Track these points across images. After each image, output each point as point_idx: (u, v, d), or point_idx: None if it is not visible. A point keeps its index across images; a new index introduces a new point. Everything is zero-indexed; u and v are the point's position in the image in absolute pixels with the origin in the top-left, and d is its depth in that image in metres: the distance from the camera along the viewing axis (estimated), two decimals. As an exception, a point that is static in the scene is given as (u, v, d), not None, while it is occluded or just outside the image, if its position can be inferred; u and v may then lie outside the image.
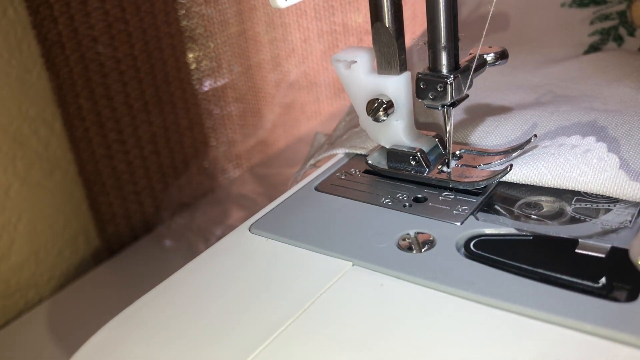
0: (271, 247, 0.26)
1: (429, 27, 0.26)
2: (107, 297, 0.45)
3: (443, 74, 0.26)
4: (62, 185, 0.48)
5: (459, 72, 0.26)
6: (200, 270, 0.26)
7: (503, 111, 0.32)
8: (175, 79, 0.53)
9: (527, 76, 0.36)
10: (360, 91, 0.28)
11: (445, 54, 0.26)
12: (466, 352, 0.20)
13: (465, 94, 0.27)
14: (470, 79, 0.27)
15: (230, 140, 0.59)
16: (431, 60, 0.27)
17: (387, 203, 0.28)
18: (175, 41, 0.52)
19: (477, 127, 0.31)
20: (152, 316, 0.24)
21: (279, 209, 0.29)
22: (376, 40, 0.27)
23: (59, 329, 0.42)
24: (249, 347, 0.21)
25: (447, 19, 0.25)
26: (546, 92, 0.33)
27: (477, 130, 0.31)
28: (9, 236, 0.45)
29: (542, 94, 0.33)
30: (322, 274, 0.24)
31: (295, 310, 0.22)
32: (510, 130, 0.30)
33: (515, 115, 0.31)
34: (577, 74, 0.35)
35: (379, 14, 0.26)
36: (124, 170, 0.50)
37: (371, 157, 0.30)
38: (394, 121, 0.28)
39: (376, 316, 0.22)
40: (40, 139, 0.46)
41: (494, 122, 0.31)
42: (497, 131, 0.30)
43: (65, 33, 0.45)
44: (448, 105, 0.27)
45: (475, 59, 0.27)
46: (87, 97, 0.47)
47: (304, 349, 0.21)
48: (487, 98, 0.34)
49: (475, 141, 0.30)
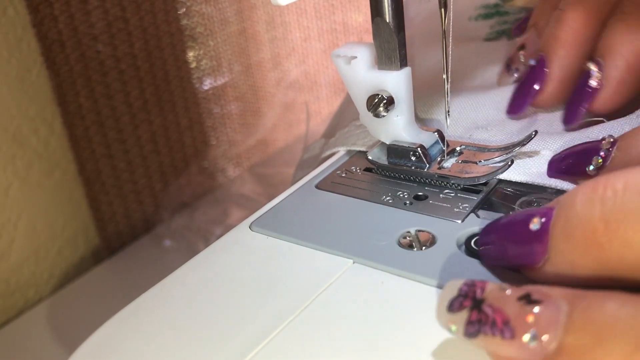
0: (271, 245, 0.26)
1: None
2: (107, 296, 0.45)
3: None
4: (61, 185, 0.48)
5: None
6: (200, 267, 0.26)
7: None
8: (175, 78, 0.53)
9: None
10: (360, 87, 0.28)
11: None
12: (466, 349, 0.20)
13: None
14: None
15: (230, 139, 0.59)
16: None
17: (387, 201, 0.28)
18: (175, 40, 0.52)
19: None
20: (152, 314, 0.24)
21: (279, 207, 0.29)
22: (376, 36, 0.27)
23: (59, 328, 0.42)
24: (249, 344, 0.21)
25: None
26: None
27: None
28: (8, 235, 0.45)
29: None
30: (322, 272, 0.24)
31: (296, 307, 0.22)
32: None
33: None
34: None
35: (380, 9, 0.26)
36: (123, 169, 0.50)
37: (371, 153, 0.30)
38: (394, 117, 0.28)
39: (377, 314, 0.22)
40: (40, 138, 0.46)
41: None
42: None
43: (65, 32, 0.44)
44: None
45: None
46: (87, 96, 0.47)
47: (304, 347, 0.21)
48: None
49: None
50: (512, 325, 0.17)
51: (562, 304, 0.17)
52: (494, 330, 0.17)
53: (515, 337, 0.17)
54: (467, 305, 0.18)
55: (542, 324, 0.16)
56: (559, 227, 0.19)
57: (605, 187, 0.18)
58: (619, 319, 0.16)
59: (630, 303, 0.16)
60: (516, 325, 0.17)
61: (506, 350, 0.17)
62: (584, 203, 0.18)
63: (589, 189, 0.18)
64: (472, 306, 0.18)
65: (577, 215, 0.18)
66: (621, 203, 0.17)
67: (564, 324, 0.16)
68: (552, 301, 0.17)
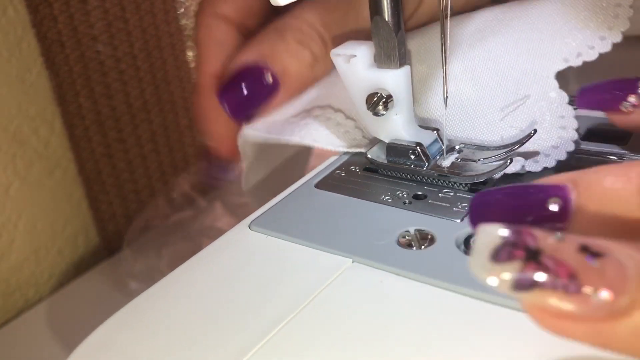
0: (271, 244, 0.26)
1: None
2: (107, 296, 0.45)
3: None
4: (62, 184, 0.48)
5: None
6: (200, 267, 0.26)
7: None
8: (175, 78, 0.53)
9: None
10: (359, 85, 0.28)
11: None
12: (466, 348, 0.20)
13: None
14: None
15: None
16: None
17: (386, 200, 0.28)
18: (174, 40, 0.52)
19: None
20: (151, 313, 0.24)
21: (278, 206, 0.29)
22: (375, 34, 0.27)
23: (59, 328, 0.42)
24: (248, 343, 0.21)
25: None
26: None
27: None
28: (8, 235, 0.45)
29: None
30: (321, 271, 0.24)
31: (295, 307, 0.22)
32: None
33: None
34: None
35: (379, 8, 0.26)
36: (123, 169, 0.50)
37: (370, 152, 0.30)
38: (394, 115, 0.28)
39: (376, 313, 0.22)
40: (40, 138, 0.46)
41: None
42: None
43: (64, 32, 0.45)
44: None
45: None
46: (87, 95, 0.47)
47: (303, 346, 0.21)
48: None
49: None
50: (579, 279, 0.15)
51: (625, 256, 0.16)
52: (556, 284, 0.16)
53: (583, 292, 0.15)
54: (520, 256, 0.16)
55: (612, 278, 0.15)
56: (589, 214, 0.18)
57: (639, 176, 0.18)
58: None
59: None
60: (584, 279, 0.15)
61: (567, 306, 0.16)
62: (620, 192, 0.18)
63: (621, 176, 0.18)
64: (528, 256, 0.16)
65: (613, 202, 0.18)
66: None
67: (637, 279, 0.15)
68: (615, 253, 0.16)
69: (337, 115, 0.32)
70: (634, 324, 0.15)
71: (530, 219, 0.20)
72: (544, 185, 0.20)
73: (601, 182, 0.19)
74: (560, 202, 0.19)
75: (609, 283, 0.15)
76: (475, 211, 0.21)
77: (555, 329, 0.16)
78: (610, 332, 0.16)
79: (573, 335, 0.16)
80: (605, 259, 0.16)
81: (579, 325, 0.16)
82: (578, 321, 0.16)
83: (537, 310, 0.16)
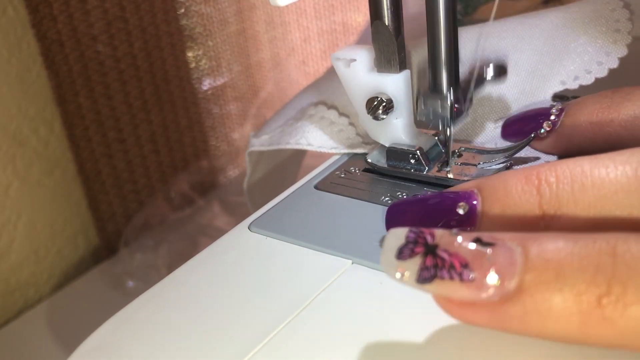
0: (270, 245, 0.26)
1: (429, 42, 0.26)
2: (107, 296, 0.45)
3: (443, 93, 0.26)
4: (61, 184, 0.48)
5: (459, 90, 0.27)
6: (199, 268, 0.26)
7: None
8: (174, 78, 0.53)
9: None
10: (359, 89, 0.28)
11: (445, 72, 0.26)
12: (466, 348, 0.20)
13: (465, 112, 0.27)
14: (470, 97, 0.27)
15: (230, 139, 0.59)
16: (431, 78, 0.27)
17: (386, 201, 0.28)
18: (174, 40, 0.52)
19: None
20: (151, 314, 0.24)
21: (278, 207, 0.29)
22: (376, 39, 0.27)
23: (59, 328, 0.42)
24: (248, 344, 0.21)
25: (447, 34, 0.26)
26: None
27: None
28: (8, 235, 0.45)
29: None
30: (321, 272, 0.24)
31: (295, 308, 0.22)
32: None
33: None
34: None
35: (379, 12, 0.26)
36: (123, 169, 0.50)
37: (370, 156, 0.30)
38: (394, 119, 0.28)
39: (375, 314, 0.22)
40: (40, 138, 0.46)
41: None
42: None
43: (64, 32, 0.45)
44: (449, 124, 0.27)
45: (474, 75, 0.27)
46: (87, 95, 0.47)
47: (303, 347, 0.21)
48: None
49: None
50: (471, 267, 0.17)
51: (514, 245, 0.17)
52: (451, 274, 0.17)
53: (475, 279, 0.17)
54: (420, 252, 0.18)
55: (501, 264, 0.17)
56: (495, 214, 0.20)
57: (539, 178, 0.19)
58: (575, 254, 0.16)
59: (580, 239, 0.17)
60: (475, 267, 0.17)
61: (464, 293, 0.17)
62: (520, 193, 0.19)
63: (521, 178, 0.20)
64: (426, 251, 0.18)
65: (516, 203, 0.19)
66: (557, 194, 0.19)
67: (523, 263, 0.17)
68: (504, 243, 0.17)
69: (330, 112, 0.33)
70: (526, 305, 0.16)
71: (440, 224, 0.21)
72: (452, 192, 0.21)
73: (505, 185, 0.20)
74: (466, 207, 0.21)
75: (498, 268, 0.17)
76: (390, 220, 0.23)
77: (460, 317, 0.18)
78: (505, 315, 0.17)
79: (476, 321, 0.18)
80: (495, 247, 0.17)
81: (479, 311, 0.17)
82: (477, 307, 0.17)
83: (443, 301, 0.18)
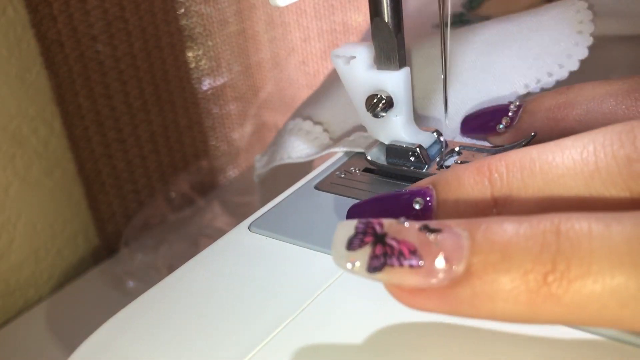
0: (270, 246, 0.26)
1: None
2: (107, 296, 0.45)
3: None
4: (61, 184, 0.48)
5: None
6: (199, 268, 0.26)
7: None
8: (174, 78, 0.53)
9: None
10: (359, 87, 0.28)
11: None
12: (466, 348, 0.20)
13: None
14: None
15: (230, 139, 0.59)
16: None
17: (386, 201, 0.28)
18: (174, 40, 0.52)
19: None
20: (151, 315, 0.24)
21: (278, 208, 0.29)
22: (375, 36, 0.27)
23: (59, 328, 0.42)
24: (248, 345, 0.21)
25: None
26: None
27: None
28: (8, 235, 0.45)
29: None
30: (321, 272, 0.24)
31: (295, 308, 0.22)
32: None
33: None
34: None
35: (379, 9, 0.26)
36: (123, 169, 0.50)
37: (370, 153, 0.30)
38: (393, 117, 0.28)
39: (376, 314, 0.22)
40: (40, 138, 0.46)
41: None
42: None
43: (64, 31, 0.45)
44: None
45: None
46: (87, 95, 0.47)
47: (303, 348, 0.21)
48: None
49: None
50: (419, 253, 0.17)
51: (460, 229, 0.17)
52: (401, 261, 0.17)
53: (423, 265, 0.17)
54: (369, 241, 0.18)
55: (448, 248, 0.17)
56: (449, 206, 0.20)
57: (489, 169, 0.20)
58: (521, 235, 0.17)
59: (525, 221, 0.17)
60: (423, 253, 0.17)
61: (414, 280, 0.17)
62: (472, 185, 0.20)
63: (473, 170, 0.20)
64: (375, 241, 0.18)
65: (469, 194, 0.20)
66: (507, 182, 0.19)
67: (469, 247, 0.17)
68: (451, 228, 0.17)
69: (305, 123, 0.35)
70: (475, 287, 0.17)
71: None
72: (408, 189, 0.22)
73: (458, 179, 0.20)
74: (422, 202, 0.21)
75: (446, 253, 0.17)
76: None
77: (412, 304, 0.18)
78: (456, 299, 0.17)
79: (428, 307, 0.18)
80: (443, 233, 0.17)
81: (430, 297, 0.17)
82: (428, 293, 0.17)
83: (394, 289, 0.18)
